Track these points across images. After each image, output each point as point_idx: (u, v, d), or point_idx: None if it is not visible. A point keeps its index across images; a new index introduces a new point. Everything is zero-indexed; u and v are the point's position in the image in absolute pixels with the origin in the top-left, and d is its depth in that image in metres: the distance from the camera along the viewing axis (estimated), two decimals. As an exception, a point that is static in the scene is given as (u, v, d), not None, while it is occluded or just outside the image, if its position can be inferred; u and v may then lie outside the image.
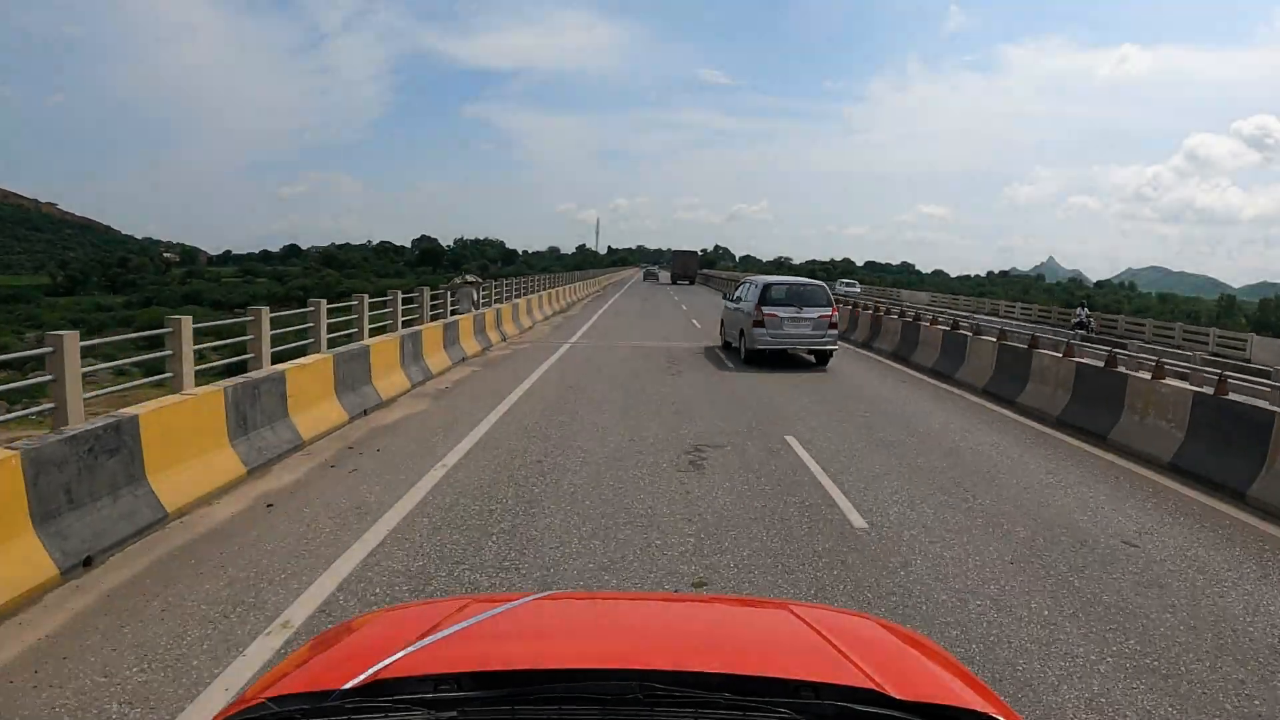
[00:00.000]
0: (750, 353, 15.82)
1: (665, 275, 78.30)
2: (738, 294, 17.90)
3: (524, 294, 27.25)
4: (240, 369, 9.08)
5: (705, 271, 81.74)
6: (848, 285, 58.16)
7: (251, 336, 9.52)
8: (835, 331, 15.76)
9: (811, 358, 16.24)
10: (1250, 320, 60.24)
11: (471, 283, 19.92)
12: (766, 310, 15.48)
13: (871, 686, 1.33)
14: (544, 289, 31.17)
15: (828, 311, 15.61)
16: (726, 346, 18.20)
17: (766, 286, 15.89)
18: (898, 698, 1.31)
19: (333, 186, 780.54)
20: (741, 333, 16.43)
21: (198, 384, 7.73)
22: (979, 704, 1.36)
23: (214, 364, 9.69)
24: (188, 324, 8.05)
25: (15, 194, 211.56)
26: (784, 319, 15.45)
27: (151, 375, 10.14)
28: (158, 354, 8.05)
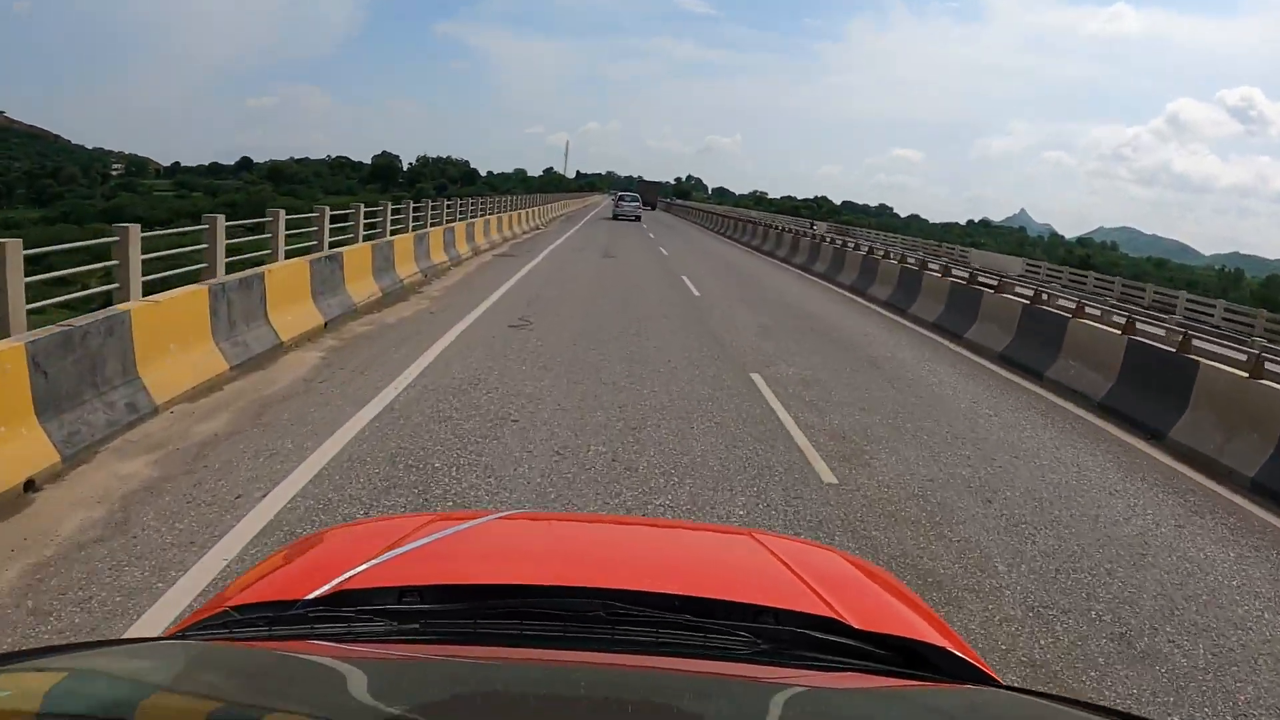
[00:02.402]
0: (615, 214, 49.75)
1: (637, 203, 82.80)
2: (619, 195, 57.96)
3: (458, 217, 22.04)
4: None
5: (680, 202, 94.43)
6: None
7: (117, 262, 7.93)
8: (642, 207, 55.05)
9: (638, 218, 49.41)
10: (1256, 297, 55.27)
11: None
12: (619, 201, 53.20)
13: (832, 615, 1.38)
14: (486, 213, 26.35)
15: (639, 202, 54.19)
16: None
17: (619, 195, 57.99)
18: (857, 627, 1.35)
19: (301, 101, 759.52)
20: (615, 205, 53.44)
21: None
22: (936, 638, 1.41)
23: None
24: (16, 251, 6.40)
25: None
26: (625, 202, 52.21)
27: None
28: None
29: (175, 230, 10.03)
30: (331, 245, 12.85)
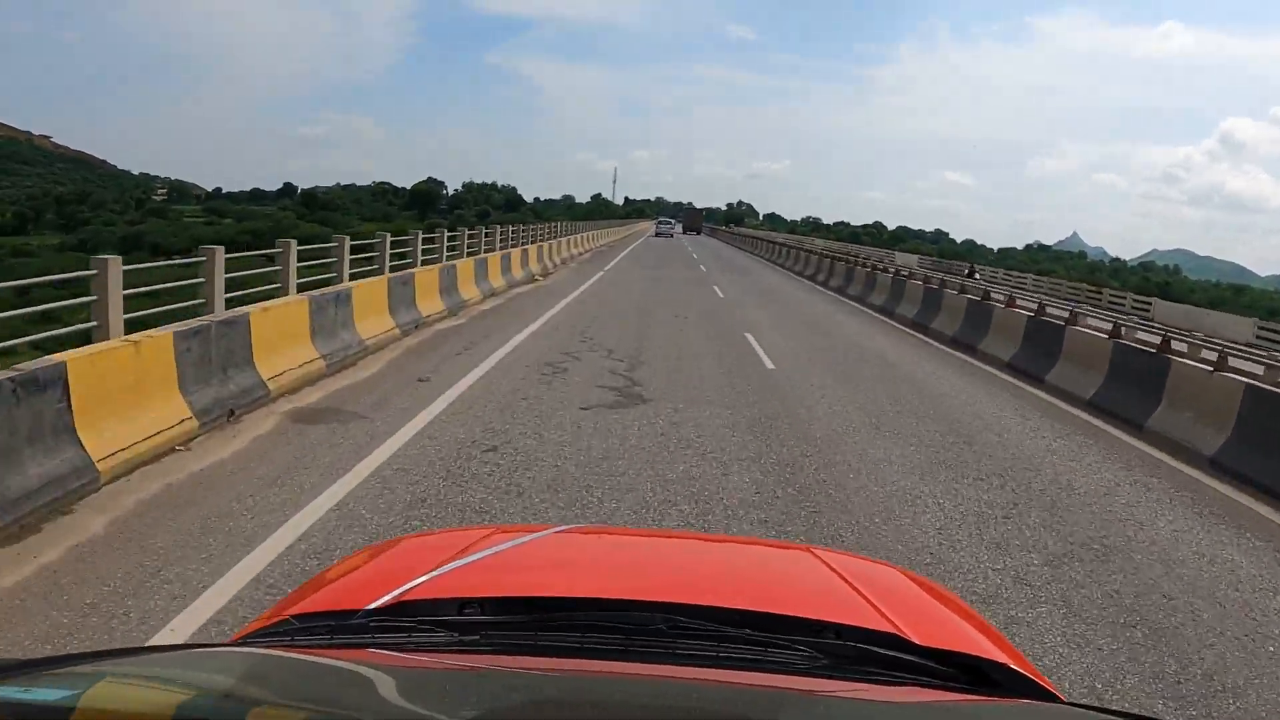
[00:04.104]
0: (656, 233, 71.21)
1: (679, 228, 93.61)
2: (659, 220, 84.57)
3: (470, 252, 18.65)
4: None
5: (731, 228, 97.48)
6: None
7: (96, 297, 7.24)
8: (685, 232, 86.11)
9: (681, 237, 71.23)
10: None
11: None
12: (659, 224, 78.48)
13: (893, 631, 1.38)
14: (507, 246, 22.29)
15: (676, 225, 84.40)
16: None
17: (659, 220, 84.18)
18: (919, 644, 1.35)
19: (351, 129, 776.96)
20: (656, 227, 75.56)
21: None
22: (998, 654, 1.42)
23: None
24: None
25: (9, 126, 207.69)
26: (663, 225, 77.47)
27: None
28: None
29: (165, 263, 9.34)
30: (352, 275, 12.20)
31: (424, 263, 15.49)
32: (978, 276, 31.97)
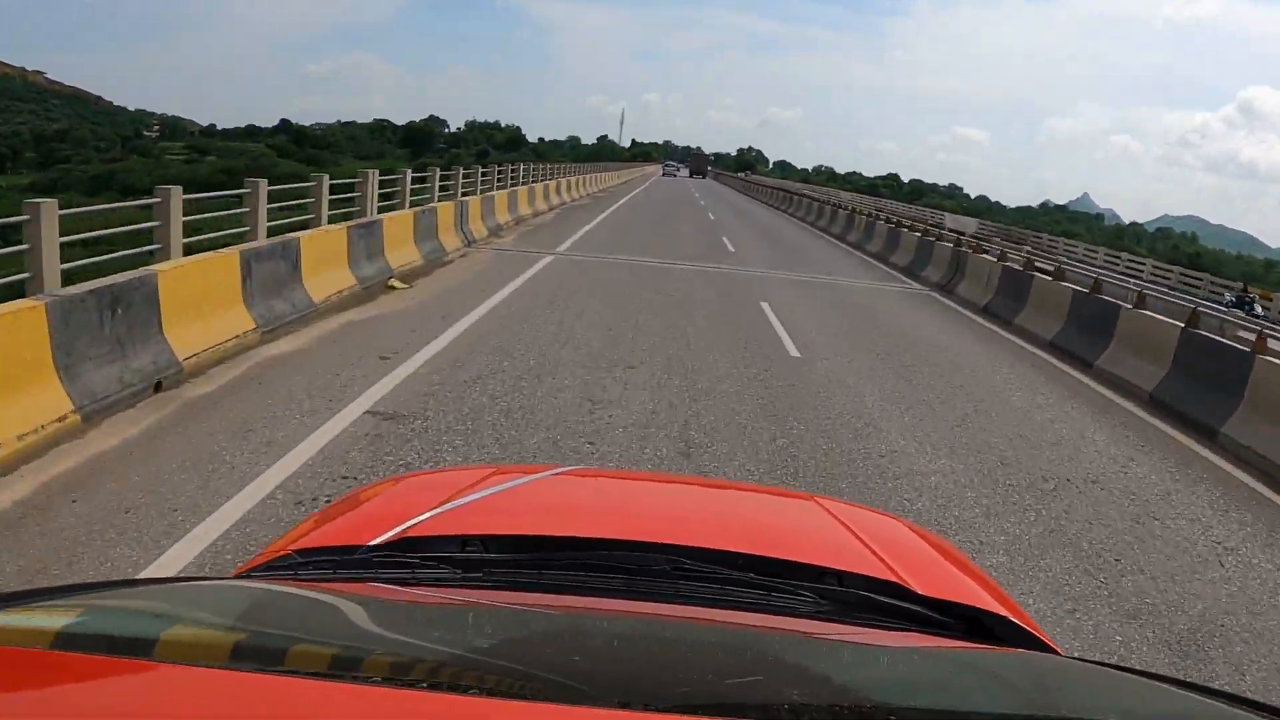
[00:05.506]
0: (663, 173, 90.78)
1: (685, 171, 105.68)
2: (666, 162, 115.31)
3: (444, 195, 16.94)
4: None
5: (752, 177, 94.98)
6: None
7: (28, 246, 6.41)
8: (683, 171, 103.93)
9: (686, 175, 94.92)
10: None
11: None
12: (667, 166, 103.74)
13: (894, 580, 1.39)
14: (485, 190, 19.62)
15: (681, 166, 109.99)
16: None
17: (666, 162, 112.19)
18: (920, 593, 1.36)
19: (360, 68, 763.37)
20: (663, 169, 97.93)
21: None
22: (998, 607, 1.43)
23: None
24: None
25: (2, 63, 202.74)
26: (669, 167, 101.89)
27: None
28: None
29: (116, 205, 8.43)
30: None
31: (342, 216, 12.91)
32: (1259, 310, 24.48)
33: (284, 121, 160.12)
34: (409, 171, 16.12)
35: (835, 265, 20.20)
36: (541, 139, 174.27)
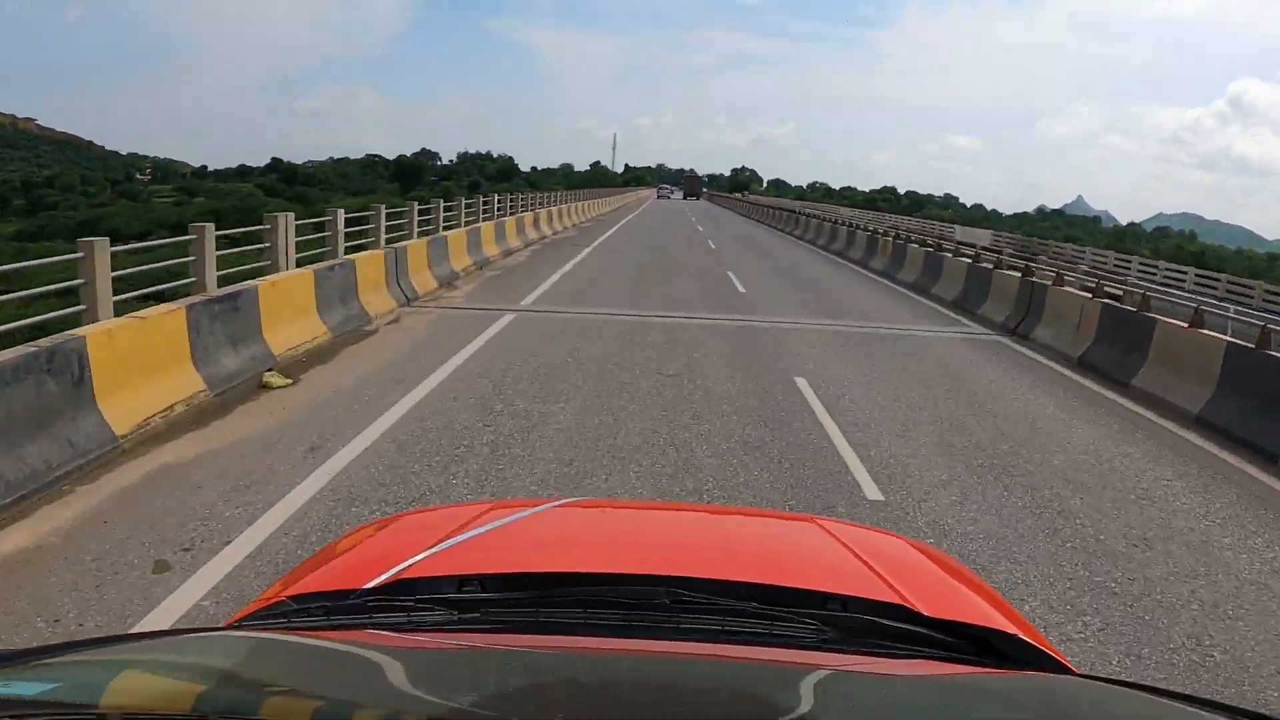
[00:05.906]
0: (658, 196, 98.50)
1: (679, 194, 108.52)
2: (663, 186, 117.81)
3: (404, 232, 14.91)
4: None
5: (751, 197, 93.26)
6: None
7: None
8: (677, 194, 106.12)
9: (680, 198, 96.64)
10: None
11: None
12: (661, 189, 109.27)
13: (900, 602, 1.36)
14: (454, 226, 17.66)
15: (674, 189, 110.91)
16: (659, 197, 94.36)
17: (660, 185, 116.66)
18: (927, 615, 1.33)
19: (351, 101, 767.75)
20: (657, 192, 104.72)
21: None
22: (1006, 625, 1.39)
23: None
24: None
25: None
26: (663, 190, 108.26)
27: None
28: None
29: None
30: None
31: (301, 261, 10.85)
32: None
33: (275, 160, 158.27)
34: (340, 212, 12.81)
35: (870, 304, 16.66)
36: (534, 168, 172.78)
